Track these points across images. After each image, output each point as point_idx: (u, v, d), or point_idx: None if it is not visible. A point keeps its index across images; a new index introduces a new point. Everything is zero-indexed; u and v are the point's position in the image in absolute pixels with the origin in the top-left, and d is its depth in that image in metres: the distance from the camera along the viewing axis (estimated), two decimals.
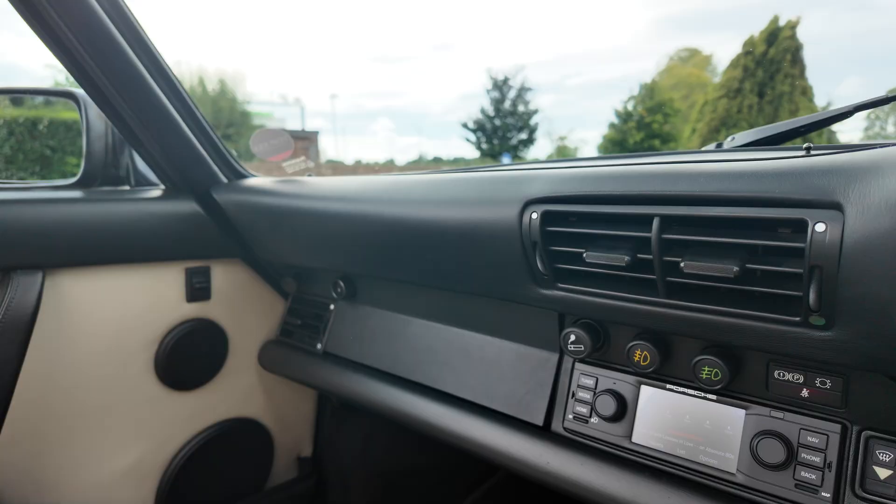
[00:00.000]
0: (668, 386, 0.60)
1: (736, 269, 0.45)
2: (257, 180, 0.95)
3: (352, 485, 1.19)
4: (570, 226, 0.57)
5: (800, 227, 0.42)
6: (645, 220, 0.50)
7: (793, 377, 0.52)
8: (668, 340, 0.59)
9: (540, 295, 0.62)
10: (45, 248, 0.77)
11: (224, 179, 0.95)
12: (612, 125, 37.08)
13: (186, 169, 0.91)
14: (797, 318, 0.45)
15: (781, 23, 17.93)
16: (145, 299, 0.90)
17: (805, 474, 0.51)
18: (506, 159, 30.90)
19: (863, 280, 0.39)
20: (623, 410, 0.62)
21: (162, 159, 0.89)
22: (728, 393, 0.57)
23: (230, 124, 19.10)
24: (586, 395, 0.65)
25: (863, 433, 0.50)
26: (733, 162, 0.47)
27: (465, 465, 1.26)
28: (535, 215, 0.58)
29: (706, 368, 0.55)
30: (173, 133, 0.86)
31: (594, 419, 0.64)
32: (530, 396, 0.71)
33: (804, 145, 0.52)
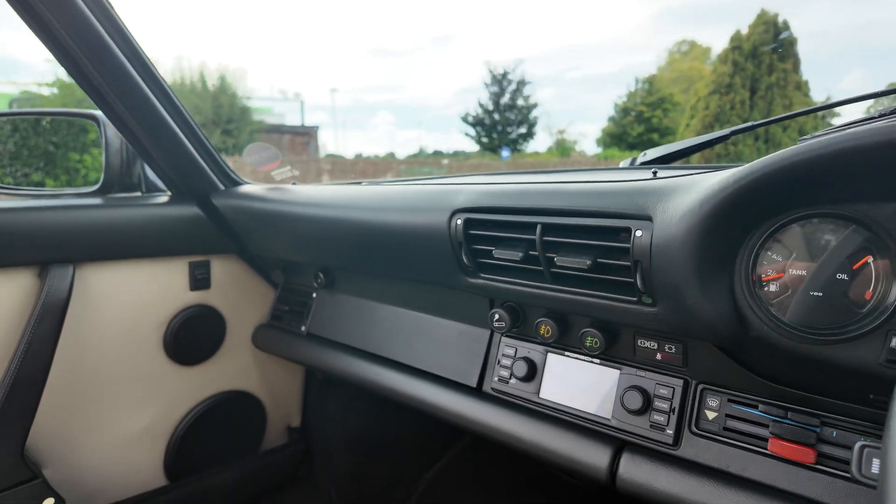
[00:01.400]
0: (566, 353, 0.77)
1: (589, 262, 0.62)
2: (249, 187, 1.12)
3: (334, 450, 1.36)
4: (486, 229, 0.73)
5: (627, 232, 0.59)
6: (532, 227, 0.67)
7: (650, 345, 0.69)
8: (565, 318, 0.76)
9: (468, 283, 0.79)
10: (75, 246, 0.93)
11: (221, 186, 1.11)
12: (611, 119, 36.93)
13: (189, 178, 1.07)
14: (634, 298, 0.62)
15: (767, 17, 17.83)
16: (155, 288, 1.06)
17: (657, 417, 0.68)
18: (505, 153, 30.86)
19: (665, 270, 0.56)
20: (534, 373, 0.79)
21: (168, 170, 1.05)
22: (607, 357, 0.73)
23: (230, 120, 19.06)
24: (507, 362, 0.82)
25: (698, 386, 0.67)
26: (591, 183, 0.64)
27: (434, 434, 1.43)
28: (459, 221, 0.74)
29: (589, 338, 0.72)
30: (177, 148, 1.02)
31: (513, 380, 0.81)
32: (468, 364, 0.87)
33: (651, 170, 0.69)
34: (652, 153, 0.96)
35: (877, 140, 0.44)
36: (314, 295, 1.16)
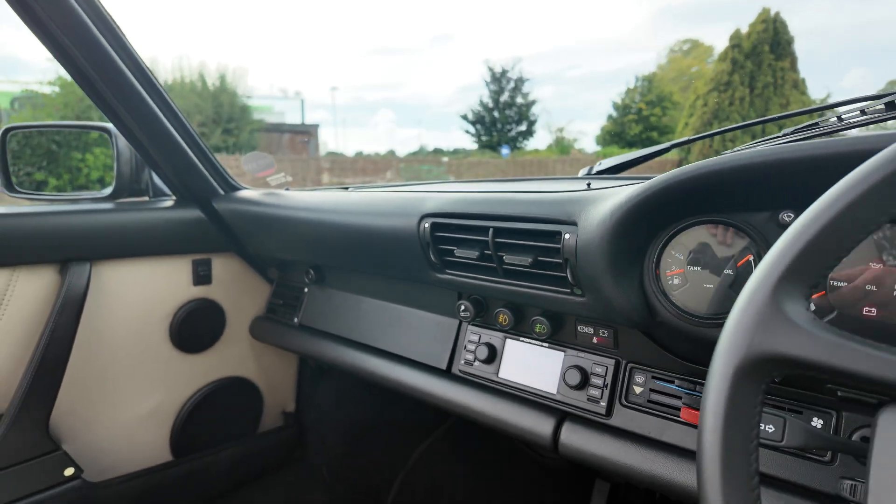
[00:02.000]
0: (521, 338, 0.89)
1: (530, 260, 0.73)
2: (247, 192, 1.23)
3: (326, 433, 1.48)
4: (449, 232, 0.85)
5: (559, 235, 0.70)
6: (486, 230, 0.78)
7: (588, 330, 0.81)
8: (520, 308, 0.87)
9: (436, 278, 0.90)
10: (91, 245, 1.05)
11: (221, 191, 1.22)
12: (610, 117, 36.90)
13: (191, 184, 1.18)
14: (567, 290, 0.73)
15: (767, 16, 17.88)
16: (162, 283, 1.18)
17: (593, 392, 0.79)
18: (505, 151, 30.92)
19: (587, 266, 0.67)
20: (494, 356, 0.90)
21: (173, 176, 1.16)
22: (553, 341, 0.85)
23: (230, 119, 19.08)
24: (472, 347, 0.93)
25: (628, 365, 0.78)
26: (534, 193, 0.76)
27: (418, 417, 1.55)
28: (427, 224, 0.86)
29: (538, 325, 0.83)
30: (181, 156, 1.13)
31: (476, 363, 0.92)
32: (439, 350, 0.99)
33: (586, 182, 0.80)
34: (606, 163, 1.08)
35: (744, 163, 0.55)
36: (306, 290, 1.27)
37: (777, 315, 0.37)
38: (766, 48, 17.89)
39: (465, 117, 34.92)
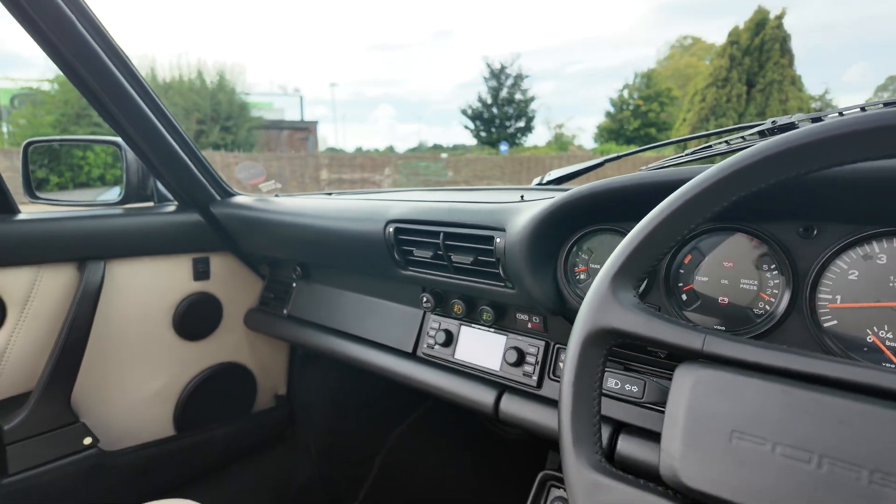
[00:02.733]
0: (472, 325, 1.04)
1: (471, 259, 0.89)
2: (240, 198, 1.38)
3: (314, 414, 1.64)
4: (409, 235, 1.00)
5: (492, 239, 0.86)
6: (438, 234, 0.94)
7: (524, 317, 0.96)
8: (471, 299, 1.03)
9: (401, 274, 1.06)
10: (105, 246, 1.20)
11: (218, 197, 1.37)
12: (608, 114, 36.86)
13: (191, 191, 1.33)
14: (501, 284, 0.89)
15: (767, 13, 17.92)
16: (166, 279, 1.33)
17: (527, 368, 0.95)
18: (503, 147, 30.97)
19: (512, 264, 0.83)
20: (450, 340, 1.06)
21: (174, 184, 1.31)
22: (498, 327, 1.00)
23: (229, 117, 19.12)
24: (433, 333, 1.09)
25: (555, 345, 0.94)
26: (477, 203, 0.91)
27: (398, 400, 1.71)
28: (391, 229, 1.01)
29: (485, 313, 0.99)
30: (182, 167, 1.27)
31: (436, 346, 1.08)
32: (406, 336, 1.14)
33: (521, 194, 0.96)
34: (553, 174, 1.23)
35: (613, 186, 0.71)
36: (293, 285, 1.43)
37: (612, 300, 0.52)
38: (777, 46, 17.96)
39: (464, 113, 34.89)
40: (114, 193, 1.49)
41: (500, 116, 34.22)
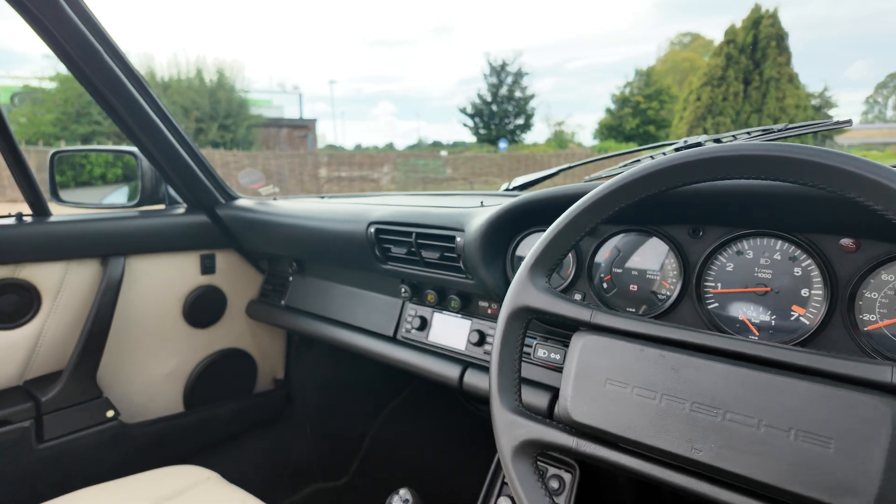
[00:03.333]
0: (443, 312, 1.21)
1: (438, 255, 1.06)
2: (243, 201, 1.55)
3: (309, 395, 1.81)
4: (387, 235, 1.17)
5: (454, 238, 1.03)
6: (411, 234, 1.10)
7: (485, 304, 1.13)
8: (443, 290, 1.20)
9: (382, 268, 1.22)
10: (125, 243, 1.36)
11: (222, 201, 1.54)
12: (608, 110, 36.88)
13: (199, 195, 1.49)
14: (463, 275, 1.05)
15: (762, 11, 18.01)
16: (177, 272, 1.49)
17: (487, 347, 1.11)
18: (502, 145, 31.06)
19: (469, 259, 0.99)
20: (425, 325, 1.23)
21: (184, 189, 1.47)
22: (464, 313, 1.17)
23: (228, 115, 19.22)
24: (410, 319, 1.26)
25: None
26: (442, 207, 1.08)
27: (386, 382, 1.88)
28: (372, 229, 1.18)
29: (453, 301, 1.16)
30: (190, 174, 1.44)
31: (413, 331, 1.25)
32: (388, 322, 1.31)
33: (480, 201, 1.12)
34: (517, 181, 1.40)
35: (538, 197, 0.87)
36: (290, 278, 1.60)
37: (529, 285, 0.69)
38: (773, 44, 18.05)
39: (463, 110, 34.92)
40: (120, 193, 1.66)
41: (500, 114, 34.27)
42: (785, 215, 0.74)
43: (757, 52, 18.09)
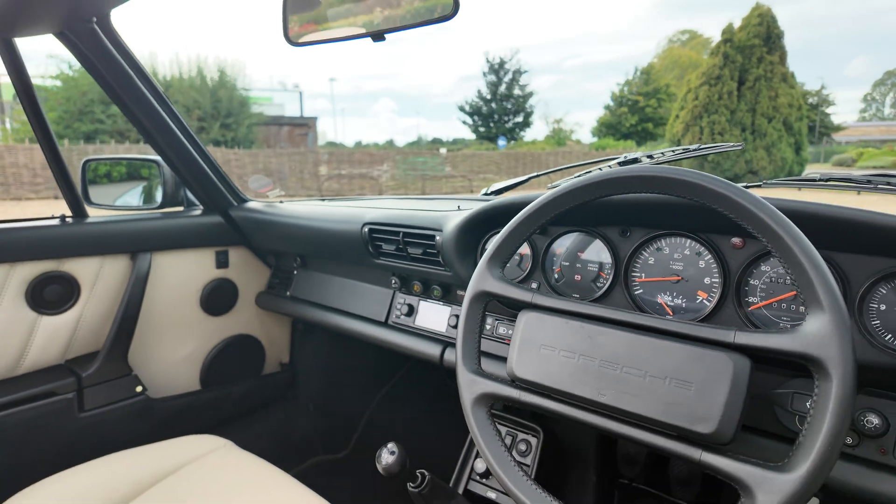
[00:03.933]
0: (428, 300, 1.41)
1: (421, 251, 1.25)
2: (253, 204, 1.74)
3: (312, 378, 2.00)
4: (379, 234, 1.36)
5: (434, 237, 1.22)
6: (399, 233, 1.30)
7: (462, 293, 1.32)
8: (426, 281, 1.39)
9: (375, 263, 1.42)
10: (150, 241, 1.56)
11: (235, 203, 1.74)
12: (606, 108, 36.92)
13: (214, 198, 1.68)
14: (443, 268, 1.25)
15: (763, 10, 18.12)
16: (195, 267, 1.69)
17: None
18: (501, 142, 31.16)
19: (446, 254, 1.19)
20: (412, 311, 1.42)
21: (201, 193, 1.67)
22: (445, 301, 1.36)
23: (229, 114, 19.34)
24: (399, 306, 1.45)
25: (484, 312, 1.30)
26: (424, 210, 1.27)
27: (382, 365, 2.08)
28: (366, 229, 1.37)
29: (435, 291, 1.35)
30: (207, 180, 1.63)
31: (402, 316, 1.44)
32: (380, 309, 1.51)
33: (458, 205, 1.32)
34: (495, 186, 1.59)
35: (498, 204, 1.07)
36: (295, 272, 1.79)
37: (487, 274, 0.89)
38: (759, 42, 18.17)
39: (462, 109, 35.00)
40: (134, 194, 1.85)
41: (499, 112, 34.34)
42: (691, 220, 0.94)
43: (745, 49, 18.18)
